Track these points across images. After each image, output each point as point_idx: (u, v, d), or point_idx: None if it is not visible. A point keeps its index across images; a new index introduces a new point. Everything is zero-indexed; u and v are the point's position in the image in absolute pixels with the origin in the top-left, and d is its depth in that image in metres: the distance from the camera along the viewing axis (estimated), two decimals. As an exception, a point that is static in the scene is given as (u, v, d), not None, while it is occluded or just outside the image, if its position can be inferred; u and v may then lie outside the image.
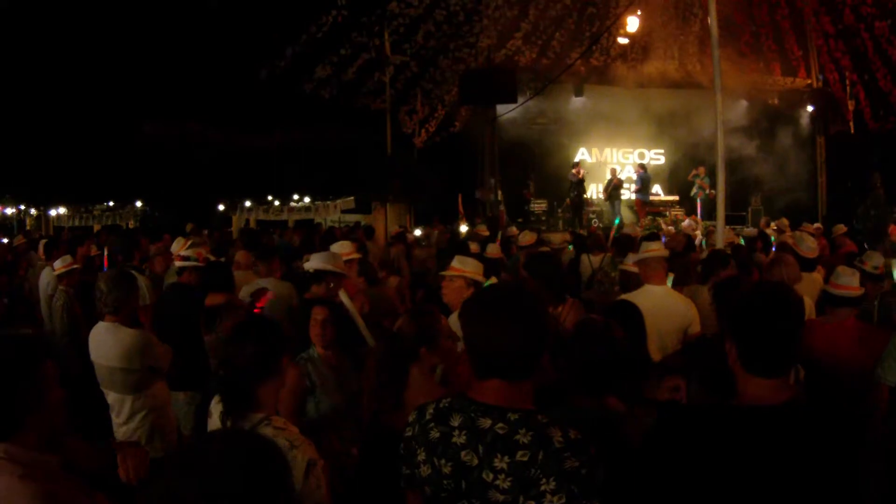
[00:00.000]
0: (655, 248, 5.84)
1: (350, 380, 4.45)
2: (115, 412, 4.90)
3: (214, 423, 3.12)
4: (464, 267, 5.47)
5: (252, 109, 28.48)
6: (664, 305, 5.48)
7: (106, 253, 8.76)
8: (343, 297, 5.33)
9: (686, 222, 20.14)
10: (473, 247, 9.05)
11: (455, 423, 2.26)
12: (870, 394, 4.29)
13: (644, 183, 22.46)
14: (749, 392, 2.28)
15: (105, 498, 2.47)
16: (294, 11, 19.88)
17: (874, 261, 6.24)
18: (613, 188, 22.28)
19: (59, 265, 7.65)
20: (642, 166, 23.19)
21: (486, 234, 13.59)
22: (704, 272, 6.59)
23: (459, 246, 9.08)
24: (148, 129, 30.74)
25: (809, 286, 6.35)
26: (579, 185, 22.19)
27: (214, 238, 13.36)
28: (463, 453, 2.20)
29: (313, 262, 5.64)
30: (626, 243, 9.28)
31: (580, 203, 22.28)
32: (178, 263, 6.93)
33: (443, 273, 5.70)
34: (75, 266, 7.64)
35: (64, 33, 25.65)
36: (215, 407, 3.17)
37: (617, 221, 11.84)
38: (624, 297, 5.54)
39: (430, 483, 2.29)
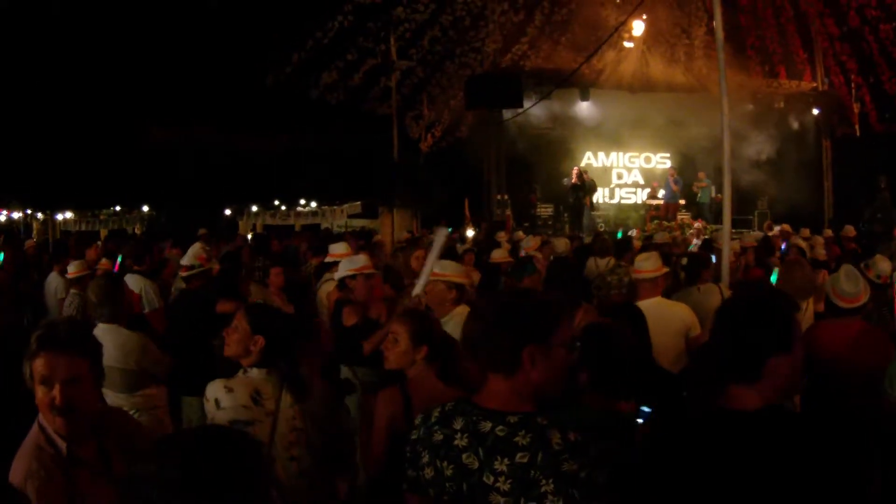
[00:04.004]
0: (649, 270, 5.81)
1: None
2: None
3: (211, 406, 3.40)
4: (444, 271, 5.46)
5: (259, 114, 28.52)
6: (657, 315, 5.47)
7: (119, 259, 8.75)
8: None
9: (697, 225, 20.26)
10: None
11: (457, 426, 2.30)
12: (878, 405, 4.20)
13: (680, 187, 23.21)
14: (726, 395, 2.31)
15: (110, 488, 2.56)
16: (301, 17, 19.94)
17: (878, 268, 6.20)
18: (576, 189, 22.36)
19: (72, 270, 7.65)
20: (675, 170, 23.61)
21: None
22: (688, 275, 6.86)
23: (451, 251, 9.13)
24: (155, 134, 30.84)
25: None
26: (576, 189, 22.25)
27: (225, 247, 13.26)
28: (464, 456, 2.23)
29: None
30: (624, 247, 9.36)
31: (580, 207, 22.33)
32: (183, 274, 6.96)
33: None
34: (88, 272, 7.62)
35: (71, 38, 25.71)
36: (212, 392, 3.43)
37: (619, 235, 11.83)
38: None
39: (434, 486, 2.32)
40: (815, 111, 23.38)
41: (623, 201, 25.77)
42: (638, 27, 19.64)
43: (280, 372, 3.60)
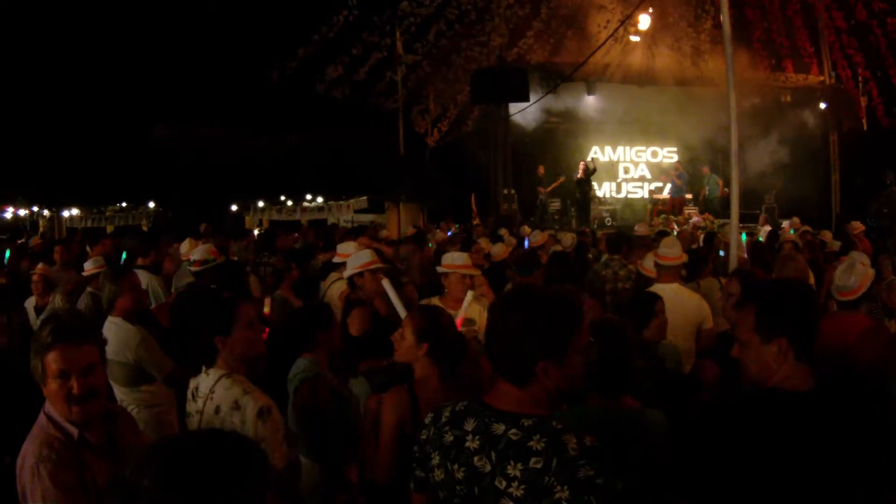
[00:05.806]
0: (674, 257, 5.95)
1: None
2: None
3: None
4: (455, 262, 5.66)
5: (265, 110, 28.55)
6: (676, 302, 5.54)
7: (124, 255, 8.74)
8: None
9: (694, 219, 20.22)
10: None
11: (469, 427, 2.24)
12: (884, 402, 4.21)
13: (684, 181, 23.33)
14: (790, 379, 2.46)
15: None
16: (305, 12, 19.95)
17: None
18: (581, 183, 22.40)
19: (89, 266, 7.61)
20: (681, 164, 23.72)
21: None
22: (689, 270, 6.87)
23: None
24: (160, 131, 30.87)
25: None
26: (582, 182, 22.22)
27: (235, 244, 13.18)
28: (476, 458, 2.17)
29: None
30: (617, 242, 9.36)
31: (585, 201, 22.30)
32: (194, 269, 6.95)
33: (439, 270, 5.89)
34: (105, 269, 7.56)
35: (76, 35, 25.73)
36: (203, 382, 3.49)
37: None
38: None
39: (444, 488, 2.27)
40: (823, 105, 23.26)
41: (630, 195, 25.78)
42: (644, 21, 19.53)
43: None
